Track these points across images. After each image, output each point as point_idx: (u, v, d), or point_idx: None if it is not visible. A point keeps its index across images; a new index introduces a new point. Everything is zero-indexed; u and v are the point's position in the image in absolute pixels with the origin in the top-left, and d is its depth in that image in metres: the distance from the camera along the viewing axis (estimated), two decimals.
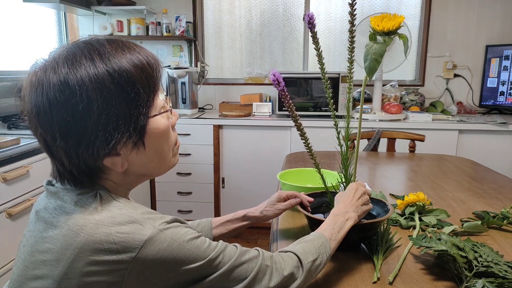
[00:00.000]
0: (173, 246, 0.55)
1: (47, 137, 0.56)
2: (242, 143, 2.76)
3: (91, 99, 0.54)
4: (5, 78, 2.40)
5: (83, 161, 0.57)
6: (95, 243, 0.52)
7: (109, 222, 0.54)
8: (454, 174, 1.53)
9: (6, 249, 1.64)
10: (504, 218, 1.03)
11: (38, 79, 0.55)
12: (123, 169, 0.60)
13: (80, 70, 0.54)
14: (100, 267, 0.52)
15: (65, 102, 0.53)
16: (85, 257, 0.52)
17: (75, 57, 0.55)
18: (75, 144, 0.55)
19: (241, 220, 0.98)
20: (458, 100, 3.08)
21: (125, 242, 0.52)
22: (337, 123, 0.89)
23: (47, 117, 0.54)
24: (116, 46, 0.58)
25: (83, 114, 0.54)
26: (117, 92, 0.55)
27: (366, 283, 0.75)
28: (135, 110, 0.57)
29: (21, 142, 1.75)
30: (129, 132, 0.57)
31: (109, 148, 0.57)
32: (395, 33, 0.77)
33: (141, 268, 0.53)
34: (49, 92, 0.54)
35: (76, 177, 0.59)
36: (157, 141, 0.62)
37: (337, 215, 0.80)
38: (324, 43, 3.18)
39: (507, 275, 0.70)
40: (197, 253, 0.57)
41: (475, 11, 2.98)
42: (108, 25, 2.99)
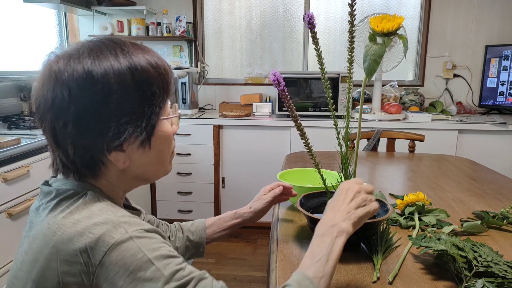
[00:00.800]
0: (138, 256, 0.52)
1: (57, 123, 0.57)
2: (242, 143, 2.76)
3: (112, 90, 0.56)
4: (5, 78, 2.40)
5: (89, 151, 0.58)
6: (68, 242, 0.52)
7: (85, 221, 0.54)
8: (454, 174, 1.53)
9: (6, 249, 1.64)
10: (503, 218, 1.03)
11: (59, 67, 0.56)
12: (124, 166, 0.61)
13: (105, 62, 0.56)
14: (72, 268, 0.52)
15: (87, 89, 0.55)
16: (59, 256, 0.52)
17: (100, 51, 0.57)
18: (86, 133, 0.56)
19: (232, 218, 0.99)
20: (457, 100, 3.08)
21: (94, 243, 0.52)
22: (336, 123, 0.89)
23: (64, 103, 0.55)
24: (137, 47, 0.60)
25: (101, 103, 0.55)
26: (135, 88, 0.57)
27: (366, 283, 0.75)
28: (148, 109, 0.59)
29: (21, 142, 1.75)
30: (140, 128, 0.59)
31: (120, 141, 0.58)
32: (395, 34, 0.77)
33: (106, 272, 0.52)
34: (71, 79, 0.55)
35: (78, 168, 0.59)
36: (161, 144, 0.64)
37: (322, 235, 0.65)
38: (324, 43, 3.18)
39: (507, 275, 0.70)
40: (163, 273, 0.52)
41: (474, 11, 2.98)
42: (109, 25, 2.99)
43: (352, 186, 0.72)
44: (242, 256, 2.54)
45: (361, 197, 0.70)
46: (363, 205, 0.69)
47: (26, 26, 2.71)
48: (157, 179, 0.69)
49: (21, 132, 1.96)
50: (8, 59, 2.54)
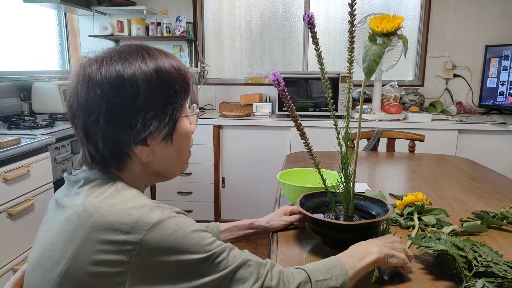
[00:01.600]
0: (178, 233, 0.58)
1: (90, 118, 0.62)
2: (242, 143, 2.76)
3: (140, 88, 0.62)
4: (5, 78, 2.41)
5: (118, 144, 0.63)
6: (107, 223, 0.56)
7: (121, 205, 0.58)
8: (454, 174, 1.53)
9: (6, 249, 1.64)
10: (503, 218, 1.03)
11: (93, 69, 0.63)
12: (148, 160, 0.66)
13: (134, 64, 0.63)
14: (110, 246, 0.55)
15: (118, 88, 0.61)
16: (97, 236, 0.56)
17: (129, 54, 0.64)
18: (115, 127, 0.62)
19: (247, 228, 1.01)
20: (457, 100, 3.09)
21: (134, 223, 0.56)
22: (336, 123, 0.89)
23: (96, 100, 0.61)
24: (161, 52, 0.68)
25: (130, 100, 0.62)
26: (160, 87, 0.64)
27: (366, 283, 0.76)
28: (171, 106, 0.66)
29: (21, 142, 1.75)
30: (164, 123, 0.65)
31: (145, 134, 0.63)
32: (394, 35, 0.77)
33: (147, 250, 0.56)
34: (104, 79, 0.61)
35: (107, 160, 0.65)
36: (182, 141, 0.70)
37: (357, 246, 0.76)
38: (324, 44, 3.18)
39: (507, 275, 0.70)
40: (201, 244, 0.59)
41: (474, 11, 2.98)
42: (109, 25, 2.99)
43: (396, 238, 0.81)
44: None
45: (400, 246, 0.79)
46: (396, 249, 0.77)
47: (26, 26, 2.71)
48: (175, 176, 0.74)
49: (21, 132, 1.96)
50: (8, 59, 2.54)
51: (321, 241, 0.93)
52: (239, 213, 2.84)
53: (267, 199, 2.75)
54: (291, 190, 1.13)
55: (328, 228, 0.87)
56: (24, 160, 1.74)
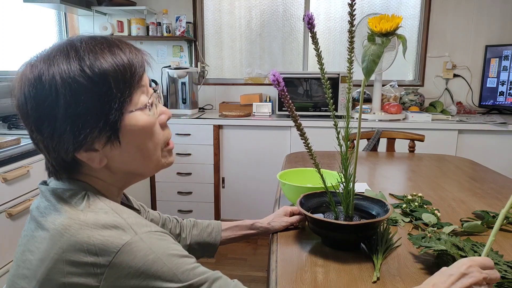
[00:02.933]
0: (150, 257, 0.53)
1: (27, 129, 0.59)
2: (242, 143, 2.76)
3: (59, 93, 0.55)
4: (5, 78, 2.40)
5: (58, 154, 0.58)
6: (76, 243, 0.53)
7: (92, 224, 0.54)
8: (454, 174, 1.53)
9: (6, 249, 1.64)
10: (503, 218, 1.03)
11: (20, 76, 0.58)
12: (101, 165, 0.60)
13: (54, 66, 0.56)
14: (79, 269, 0.52)
15: (36, 96, 0.56)
16: (66, 257, 0.53)
17: (52, 54, 0.57)
18: (48, 137, 0.57)
19: (248, 228, 1.01)
20: (457, 100, 3.08)
21: (103, 245, 0.52)
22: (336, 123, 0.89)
23: (24, 111, 0.57)
24: (96, 43, 0.59)
25: (51, 108, 0.55)
26: (88, 86, 0.55)
27: (366, 283, 0.75)
28: (106, 105, 0.57)
29: (21, 142, 1.75)
30: (99, 128, 0.57)
31: (79, 141, 0.57)
32: (393, 34, 0.77)
33: (116, 274, 0.52)
34: (25, 87, 0.56)
35: (57, 170, 0.61)
36: (138, 138, 0.61)
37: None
38: (324, 43, 3.18)
39: (507, 275, 0.70)
40: (175, 272, 0.53)
41: (474, 11, 2.98)
42: (109, 25, 2.99)
43: (475, 270, 0.61)
44: (243, 256, 2.54)
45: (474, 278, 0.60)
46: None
47: (26, 26, 2.71)
48: (152, 173, 0.68)
49: (21, 132, 1.96)
50: (8, 59, 2.54)
51: (321, 241, 0.93)
52: (239, 213, 2.84)
53: (267, 199, 2.75)
54: (291, 190, 1.13)
55: (328, 228, 0.87)
56: (24, 160, 1.74)
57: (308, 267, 0.82)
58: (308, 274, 0.79)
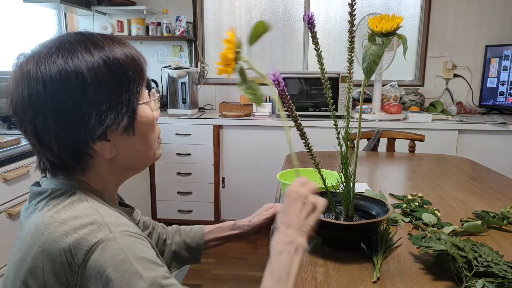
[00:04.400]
0: (119, 256, 0.52)
1: (37, 120, 0.57)
2: (242, 143, 2.76)
3: (87, 79, 0.57)
4: (5, 78, 2.40)
5: (73, 143, 0.58)
6: (54, 242, 0.53)
7: (71, 221, 0.54)
8: (454, 174, 1.53)
9: (6, 249, 1.64)
10: (504, 218, 1.03)
11: (30, 66, 0.57)
12: (111, 155, 0.62)
13: (76, 55, 0.57)
14: (57, 267, 0.52)
15: (61, 81, 0.56)
16: (45, 256, 0.53)
17: (69, 44, 0.59)
18: (67, 125, 0.57)
19: (231, 229, 0.97)
20: (458, 100, 3.08)
21: (78, 243, 0.52)
22: (336, 123, 0.89)
23: (40, 98, 0.56)
24: (107, 38, 0.62)
25: (78, 94, 0.56)
26: (110, 75, 0.59)
27: (366, 283, 0.75)
28: (126, 94, 0.60)
29: (21, 142, 1.75)
30: (121, 114, 0.60)
31: (102, 129, 0.58)
32: (394, 34, 0.77)
33: (89, 272, 0.52)
34: (45, 73, 0.56)
35: (65, 163, 0.60)
36: (145, 130, 0.65)
37: (280, 253, 0.62)
38: (324, 44, 3.18)
39: (507, 275, 0.70)
40: (142, 276, 0.51)
41: (475, 11, 2.98)
42: (108, 25, 2.99)
43: (299, 192, 0.68)
44: (242, 256, 2.54)
45: (310, 204, 0.67)
46: (312, 211, 0.67)
47: (26, 26, 2.71)
48: (146, 166, 0.70)
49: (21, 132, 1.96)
50: (8, 59, 2.54)
51: (321, 241, 0.93)
52: (239, 213, 2.84)
53: (267, 199, 2.73)
54: None
55: (328, 228, 0.87)
56: (24, 160, 1.74)
57: (308, 267, 0.82)
58: (308, 274, 0.79)
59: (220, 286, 2.17)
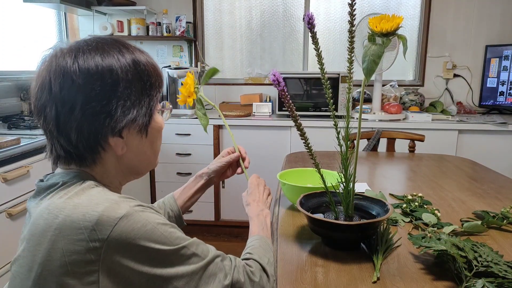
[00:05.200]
0: (148, 227, 0.57)
1: (63, 109, 0.60)
2: (242, 143, 2.75)
3: (119, 76, 0.62)
4: (5, 78, 2.40)
5: (93, 135, 0.62)
6: (72, 223, 0.55)
7: (86, 203, 0.57)
8: (454, 174, 1.53)
9: (6, 249, 1.64)
10: (504, 218, 1.03)
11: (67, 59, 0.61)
12: (122, 152, 0.66)
13: (111, 54, 0.63)
14: (78, 246, 0.54)
15: (97, 76, 0.61)
16: (63, 237, 0.55)
17: (106, 45, 0.64)
18: (93, 116, 0.61)
19: (195, 183, 1.05)
20: (457, 100, 3.08)
21: (99, 219, 0.54)
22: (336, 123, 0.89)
23: (73, 89, 0.60)
24: (135, 47, 0.68)
25: (110, 88, 0.61)
26: (137, 78, 0.65)
27: (366, 283, 0.75)
28: (147, 97, 0.67)
29: (21, 142, 1.75)
30: (141, 114, 0.65)
31: (123, 124, 0.63)
32: (394, 35, 0.77)
33: (116, 246, 0.55)
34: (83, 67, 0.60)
35: (81, 152, 0.63)
36: (155, 135, 0.71)
37: (258, 216, 0.90)
38: (324, 44, 3.18)
39: (507, 275, 0.70)
40: (170, 238, 0.60)
41: (475, 11, 2.98)
42: (108, 25, 2.99)
43: (259, 181, 1.01)
44: None
45: (267, 188, 1.01)
46: (269, 194, 1.01)
47: (26, 26, 2.71)
48: (147, 171, 0.74)
49: (21, 132, 1.96)
50: (8, 59, 2.54)
51: (321, 241, 0.93)
52: (239, 213, 2.84)
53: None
54: (291, 190, 1.13)
55: (328, 228, 0.87)
56: (24, 160, 1.74)
57: (308, 267, 0.82)
58: (308, 274, 0.79)
59: None
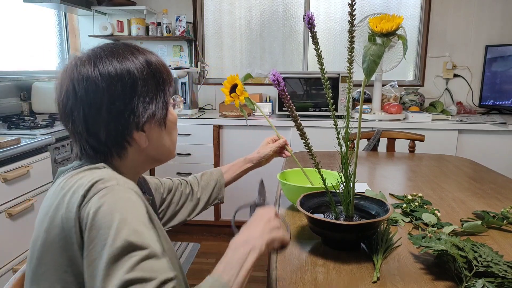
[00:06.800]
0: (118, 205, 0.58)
1: (90, 111, 0.66)
2: (242, 143, 2.76)
3: (136, 77, 0.69)
4: (5, 78, 2.40)
5: (120, 131, 0.68)
6: (72, 193, 0.60)
7: (88, 177, 0.62)
8: (454, 174, 1.53)
9: (6, 249, 1.64)
10: (504, 218, 1.03)
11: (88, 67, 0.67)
12: (145, 145, 0.72)
13: (127, 58, 0.70)
14: (72, 213, 0.58)
15: (117, 78, 0.67)
16: (64, 205, 0.60)
17: (121, 50, 0.71)
18: (118, 114, 0.67)
19: (245, 163, 1.19)
20: (457, 100, 3.08)
21: (89, 188, 0.59)
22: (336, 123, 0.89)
23: (98, 93, 0.66)
24: (145, 49, 0.76)
25: (130, 87, 0.68)
26: (151, 75, 0.72)
27: (366, 283, 0.76)
28: (162, 92, 0.73)
29: (21, 142, 1.75)
30: (159, 107, 0.72)
31: (145, 118, 0.70)
32: (394, 34, 0.77)
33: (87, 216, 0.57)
34: (103, 73, 0.67)
35: (110, 149, 0.70)
36: (172, 127, 0.78)
37: (237, 247, 0.66)
38: (324, 44, 3.18)
39: (507, 275, 0.70)
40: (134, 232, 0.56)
41: (475, 11, 2.98)
42: (109, 25, 2.99)
43: (268, 213, 0.76)
44: None
45: (275, 223, 0.74)
46: (275, 229, 0.73)
47: (26, 26, 2.71)
48: (167, 160, 0.80)
49: (21, 132, 1.96)
50: (8, 59, 2.54)
51: (321, 241, 0.93)
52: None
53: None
54: (291, 190, 1.13)
55: (328, 228, 0.87)
56: (24, 160, 1.74)
57: (308, 267, 0.82)
58: (308, 274, 0.79)
59: None
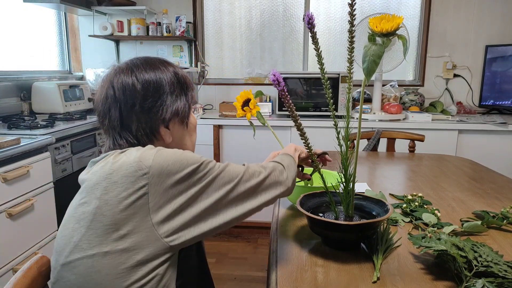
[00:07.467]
0: (177, 153, 0.72)
1: (126, 106, 0.79)
2: (242, 143, 2.76)
3: (166, 80, 0.83)
4: (5, 78, 2.41)
5: (150, 124, 0.80)
6: (124, 163, 0.69)
7: (131, 153, 0.72)
8: (454, 174, 1.53)
9: (6, 249, 1.64)
10: (504, 218, 1.03)
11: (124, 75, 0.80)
12: (169, 141, 0.83)
13: (158, 68, 0.84)
14: (130, 178, 0.68)
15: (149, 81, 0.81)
16: (119, 174, 0.69)
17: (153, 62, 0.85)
18: (148, 109, 0.79)
19: None
20: (457, 100, 3.08)
21: (141, 155, 0.70)
22: (336, 123, 0.89)
23: (133, 94, 0.79)
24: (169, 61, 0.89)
25: (160, 88, 0.82)
26: (177, 81, 0.85)
27: (366, 283, 0.76)
28: (185, 96, 0.86)
29: (21, 142, 1.75)
30: (183, 106, 0.84)
31: (171, 114, 0.81)
32: (394, 34, 0.77)
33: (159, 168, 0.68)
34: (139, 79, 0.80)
35: (139, 140, 0.80)
36: (192, 129, 0.89)
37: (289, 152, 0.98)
38: (324, 44, 3.18)
39: (507, 275, 0.70)
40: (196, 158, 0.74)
41: (475, 11, 2.98)
42: (109, 25, 2.99)
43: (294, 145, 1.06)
44: (243, 256, 2.54)
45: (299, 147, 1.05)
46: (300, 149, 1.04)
47: (26, 26, 2.71)
48: None
49: (21, 132, 1.96)
50: (8, 59, 2.54)
51: (321, 241, 0.93)
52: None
53: None
54: None
55: (328, 228, 0.87)
56: (24, 160, 1.74)
57: (308, 267, 0.82)
58: (308, 274, 0.79)
59: (221, 286, 2.17)
